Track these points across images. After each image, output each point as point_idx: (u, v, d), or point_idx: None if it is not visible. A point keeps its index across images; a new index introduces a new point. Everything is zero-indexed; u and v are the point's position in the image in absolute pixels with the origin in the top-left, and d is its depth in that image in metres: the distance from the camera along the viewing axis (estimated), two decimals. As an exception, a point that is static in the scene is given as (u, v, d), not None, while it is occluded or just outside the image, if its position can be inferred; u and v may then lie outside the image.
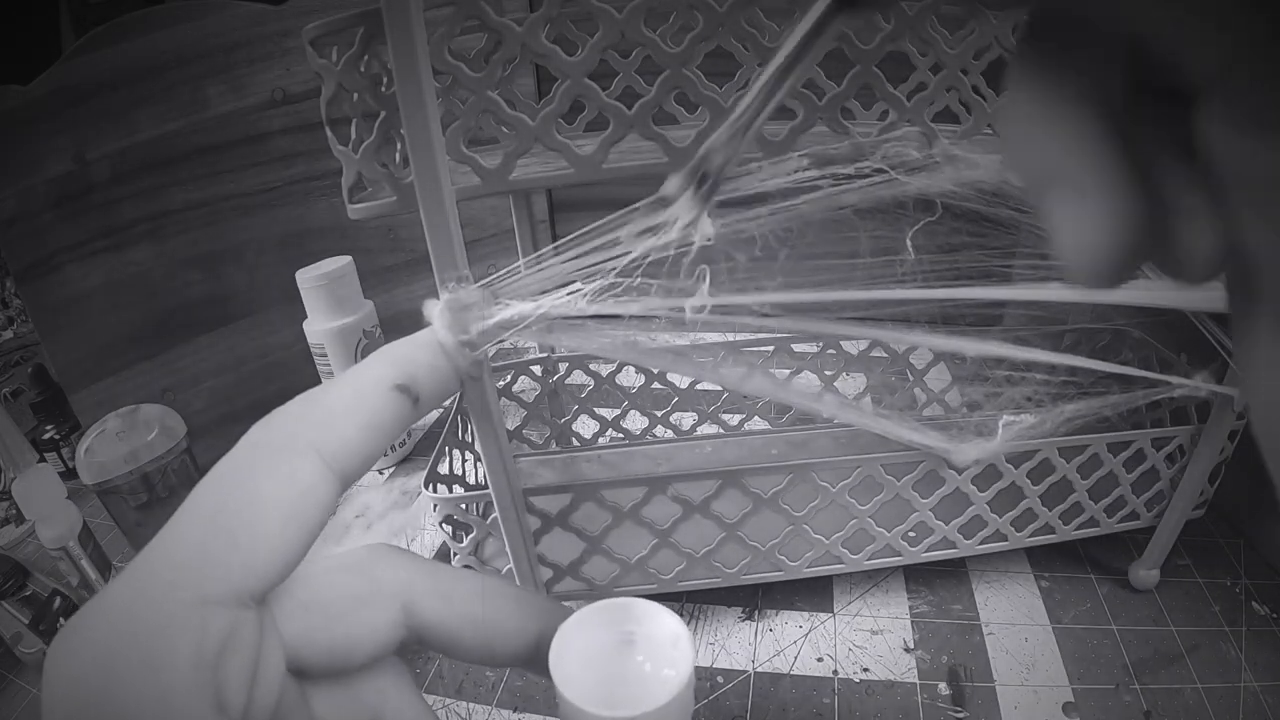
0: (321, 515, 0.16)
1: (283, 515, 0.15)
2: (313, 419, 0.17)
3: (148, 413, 0.50)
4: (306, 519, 0.15)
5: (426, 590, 0.17)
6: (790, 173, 0.22)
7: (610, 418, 0.55)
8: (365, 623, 0.17)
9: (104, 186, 0.56)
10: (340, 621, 0.16)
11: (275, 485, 0.15)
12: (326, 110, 0.28)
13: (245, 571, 0.14)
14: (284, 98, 0.62)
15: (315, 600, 0.16)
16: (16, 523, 0.55)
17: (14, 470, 0.41)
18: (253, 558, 0.14)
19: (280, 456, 0.16)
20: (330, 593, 0.16)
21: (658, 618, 0.18)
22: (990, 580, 0.45)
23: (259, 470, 0.16)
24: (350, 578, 0.17)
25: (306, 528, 0.15)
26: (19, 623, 0.43)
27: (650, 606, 0.18)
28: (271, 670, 0.15)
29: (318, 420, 0.17)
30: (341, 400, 0.17)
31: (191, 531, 0.15)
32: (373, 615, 0.17)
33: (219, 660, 0.13)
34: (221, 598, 0.14)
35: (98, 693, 0.13)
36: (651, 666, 0.17)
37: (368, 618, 0.17)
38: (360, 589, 0.17)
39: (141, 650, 0.13)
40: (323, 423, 0.17)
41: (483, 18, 0.26)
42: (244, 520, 0.15)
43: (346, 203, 0.29)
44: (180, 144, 0.59)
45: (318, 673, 0.16)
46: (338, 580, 0.17)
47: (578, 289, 0.20)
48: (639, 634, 0.18)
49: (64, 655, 0.13)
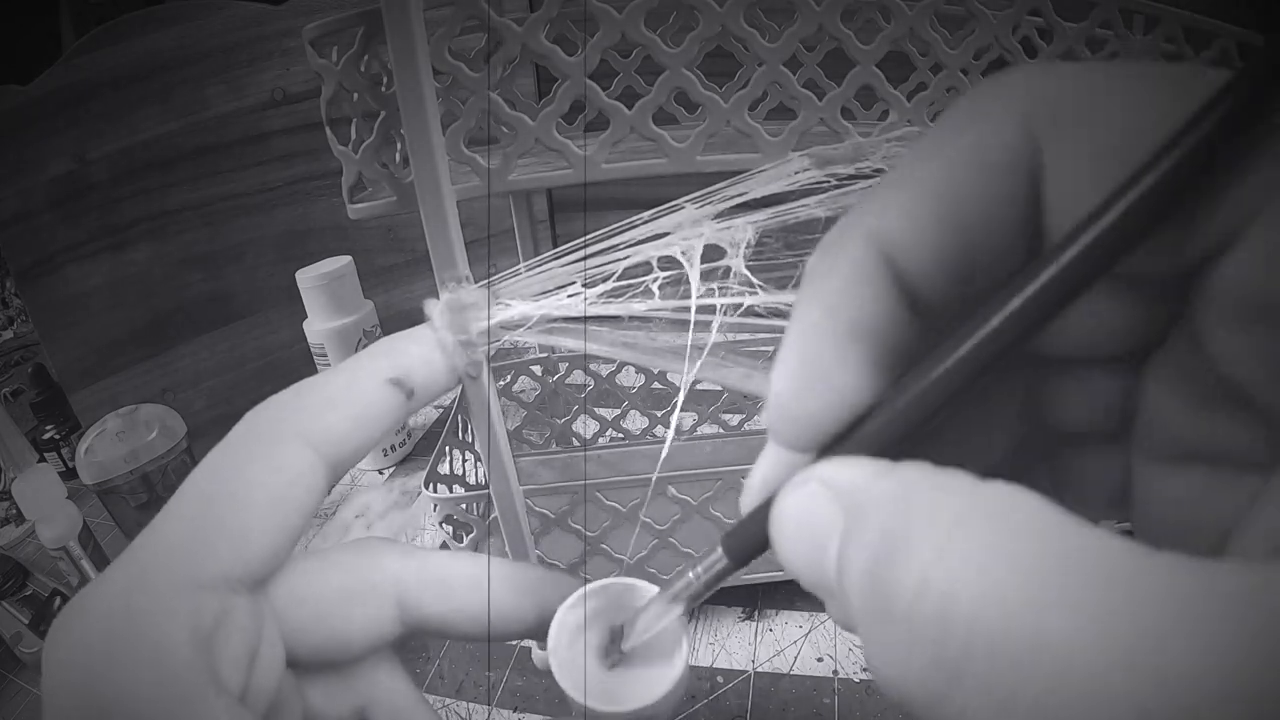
0: (311, 501, 0.16)
1: (271, 501, 0.15)
2: (305, 408, 0.17)
3: (148, 412, 0.50)
4: (295, 505, 0.16)
5: (421, 582, 0.17)
6: (791, 174, 0.22)
7: (610, 417, 0.55)
8: (359, 617, 0.17)
9: (104, 186, 0.56)
10: (334, 615, 0.16)
11: (264, 472, 0.15)
12: (326, 110, 0.28)
13: (234, 556, 0.14)
14: (284, 98, 0.62)
15: (309, 594, 0.16)
16: (16, 522, 0.55)
17: (14, 470, 0.41)
18: (242, 543, 0.15)
19: (270, 444, 0.16)
20: (324, 587, 0.17)
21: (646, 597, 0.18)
22: (990, 580, 0.45)
23: (249, 457, 0.16)
24: (344, 572, 0.17)
25: (295, 514, 0.16)
26: (19, 622, 0.43)
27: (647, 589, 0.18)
28: (272, 658, 0.15)
29: (310, 409, 0.17)
30: (335, 391, 0.17)
31: (183, 517, 0.15)
32: (366, 610, 0.17)
33: (213, 642, 0.14)
34: (212, 582, 0.14)
35: (99, 676, 0.13)
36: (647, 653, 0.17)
37: (362, 612, 0.17)
38: (354, 583, 0.17)
39: (139, 633, 0.13)
40: (315, 412, 0.17)
41: (483, 18, 0.26)
42: (233, 506, 0.15)
43: (346, 203, 0.29)
44: (180, 144, 0.59)
45: (311, 665, 0.16)
46: (332, 574, 0.17)
47: (578, 290, 0.20)
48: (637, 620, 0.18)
49: (64, 641, 0.13)
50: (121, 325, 0.60)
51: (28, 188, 0.54)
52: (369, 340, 0.58)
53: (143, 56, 0.55)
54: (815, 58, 0.31)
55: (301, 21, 0.28)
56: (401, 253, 0.71)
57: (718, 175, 0.25)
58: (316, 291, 0.55)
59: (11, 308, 0.70)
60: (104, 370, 0.59)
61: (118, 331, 0.59)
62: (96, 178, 0.56)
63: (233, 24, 0.59)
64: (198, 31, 0.58)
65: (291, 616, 0.16)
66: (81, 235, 0.56)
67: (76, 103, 0.54)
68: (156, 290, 0.61)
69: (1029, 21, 0.29)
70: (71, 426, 0.62)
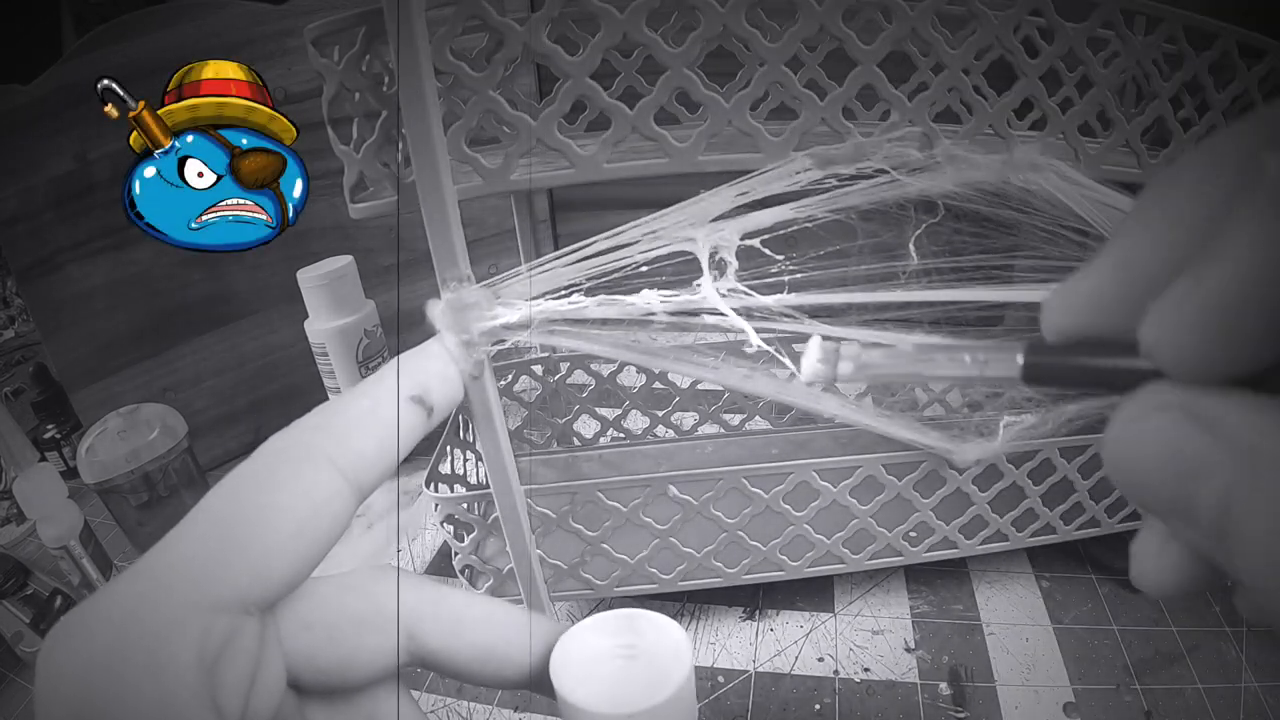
0: (336, 529, 0.16)
1: (296, 526, 0.15)
2: (331, 431, 0.17)
3: (149, 412, 0.50)
4: (320, 532, 0.15)
5: (432, 618, 0.17)
6: (793, 174, 0.22)
7: (611, 417, 0.55)
8: (367, 646, 0.16)
9: (105, 186, 0.56)
10: (342, 643, 0.16)
11: (291, 496, 0.15)
12: (328, 110, 0.28)
13: (253, 579, 0.14)
14: (285, 97, 0.61)
15: (318, 620, 0.16)
16: (17, 522, 0.55)
17: (15, 469, 0.41)
18: (263, 567, 0.14)
19: (298, 467, 0.16)
20: (334, 614, 0.16)
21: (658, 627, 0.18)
22: (991, 580, 0.45)
23: (275, 480, 0.16)
24: (354, 599, 0.17)
25: (319, 540, 0.15)
26: (20, 622, 0.43)
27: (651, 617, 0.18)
28: (271, 681, 0.15)
29: (336, 432, 0.17)
30: (359, 414, 0.17)
31: (202, 536, 0.15)
32: (375, 639, 0.17)
33: (218, 664, 0.13)
34: (227, 604, 0.14)
35: (99, 691, 0.13)
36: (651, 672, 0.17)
37: (370, 641, 0.16)
38: (364, 612, 0.17)
39: (145, 651, 0.13)
40: (340, 435, 0.17)
41: (484, 17, 0.26)
42: (256, 529, 0.15)
43: (348, 202, 0.29)
44: (181, 143, 0.59)
45: (315, 690, 0.16)
46: (342, 601, 0.17)
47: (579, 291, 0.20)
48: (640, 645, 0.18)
49: (63, 652, 0.13)
50: (122, 324, 0.60)
51: (28, 187, 0.54)
52: (370, 340, 0.58)
53: (143, 56, 0.55)
54: (817, 58, 0.31)
55: (302, 21, 0.28)
56: (403, 252, 0.71)
57: (719, 175, 0.25)
58: (318, 291, 0.55)
59: (12, 307, 0.70)
60: (105, 369, 0.59)
61: (119, 331, 0.59)
62: (97, 177, 0.56)
63: (233, 23, 0.59)
64: (198, 31, 0.57)
65: (301, 640, 0.16)
66: (82, 235, 0.56)
67: (77, 102, 0.54)
68: (157, 290, 0.61)
69: (1030, 21, 0.29)
70: (73, 426, 0.62)
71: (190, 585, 0.14)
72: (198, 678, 0.13)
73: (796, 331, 0.33)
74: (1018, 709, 0.36)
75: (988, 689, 0.38)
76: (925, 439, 0.34)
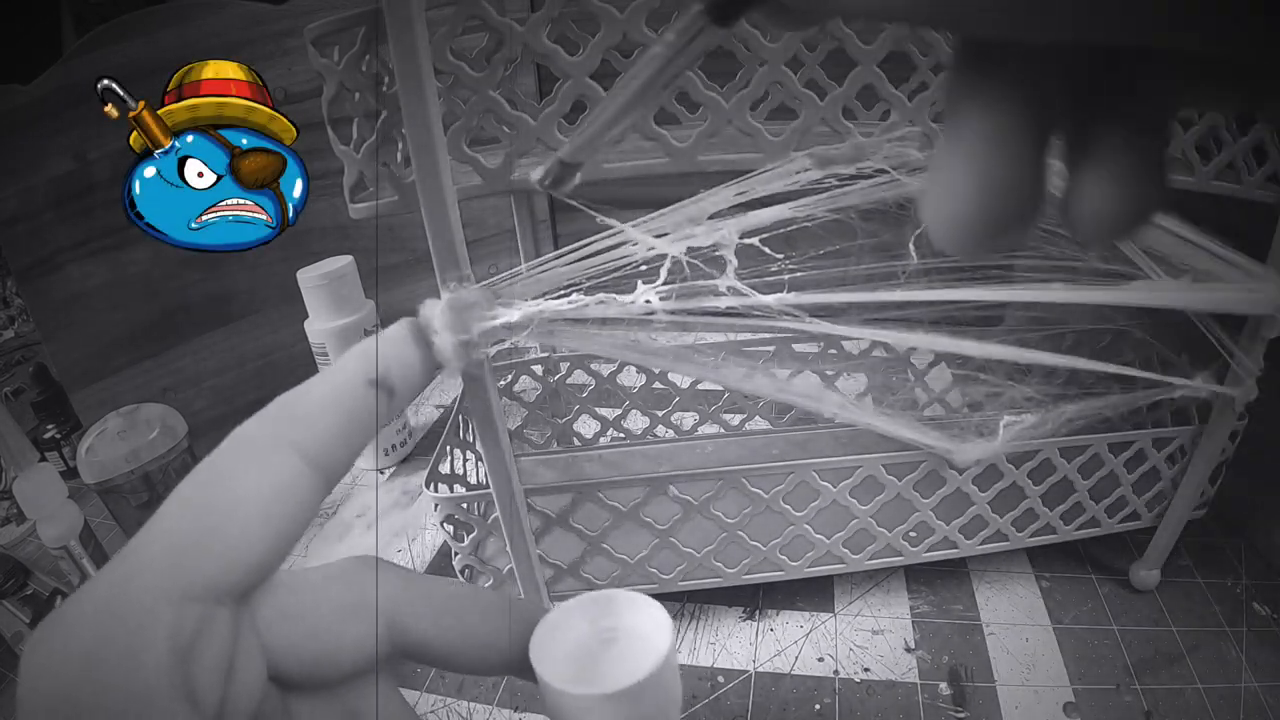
0: (303, 513, 0.16)
1: (262, 513, 0.15)
2: (292, 418, 0.17)
3: (149, 412, 0.50)
4: (286, 517, 0.15)
5: (414, 607, 0.17)
6: (793, 174, 0.22)
7: (611, 417, 0.55)
8: (349, 636, 0.16)
9: (105, 186, 0.56)
10: (324, 634, 0.16)
11: (255, 483, 0.15)
12: (328, 110, 0.28)
13: (222, 567, 0.14)
14: (285, 97, 0.61)
15: (300, 611, 0.16)
16: (17, 522, 0.55)
17: (15, 469, 0.41)
18: (231, 554, 0.15)
19: (261, 455, 0.16)
20: (315, 604, 0.16)
21: (637, 607, 0.18)
22: (991, 580, 0.45)
23: (239, 468, 0.16)
24: (336, 589, 0.17)
25: (287, 527, 0.15)
26: (20, 622, 0.43)
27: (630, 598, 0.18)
28: (251, 673, 0.15)
29: (298, 419, 0.17)
30: (319, 398, 0.17)
31: (171, 528, 0.15)
32: (357, 629, 0.16)
33: (192, 653, 0.13)
34: (197, 593, 0.14)
35: (76, 686, 0.13)
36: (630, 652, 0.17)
37: (352, 631, 0.16)
38: (346, 602, 0.17)
39: (120, 643, 0.13)
40: (302, 421, 0.17)
41: (484, 17, 0.26)
42: (222, 517, 0.15)
43: (348, 202, 0.29)
44: (181, 143, 0.59)
45: (299, 682, 0.16)
46: (323, 592, 0.17)
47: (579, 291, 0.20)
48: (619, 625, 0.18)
49: (44, 648, 0.13)
50: (122, 325, 0.60)
51: (28, 187, 0.54)
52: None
53: (144, 56, 0.55)
54: (817, 58, 0.31)
55: (302, 21, 0.28)
56: (402, 252, 0.71)
57: (719, 175, 0.25)
58: (317, 291, 0.55)
59: (12, 307, 0.70)
60: (105, 369, 0.59)
61: (119, 331, 0.59)
62: (97, 177, 0.56)
63: (233, 23, 0.59)
64: (198, 31, 0.58)
65: (281, 632, 0.16)
66: (82, 235, 0.56)
67: (77, 102, 0.54)
68: (157, 290, 0.61)
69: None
70: (72, 426, 0.62)
71: (160, 575, 0.14)
72: (173, 668, 0.13)
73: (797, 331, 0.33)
74: (1018, 709, 0.36)
75: (988, 689, 0.38)
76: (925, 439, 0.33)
